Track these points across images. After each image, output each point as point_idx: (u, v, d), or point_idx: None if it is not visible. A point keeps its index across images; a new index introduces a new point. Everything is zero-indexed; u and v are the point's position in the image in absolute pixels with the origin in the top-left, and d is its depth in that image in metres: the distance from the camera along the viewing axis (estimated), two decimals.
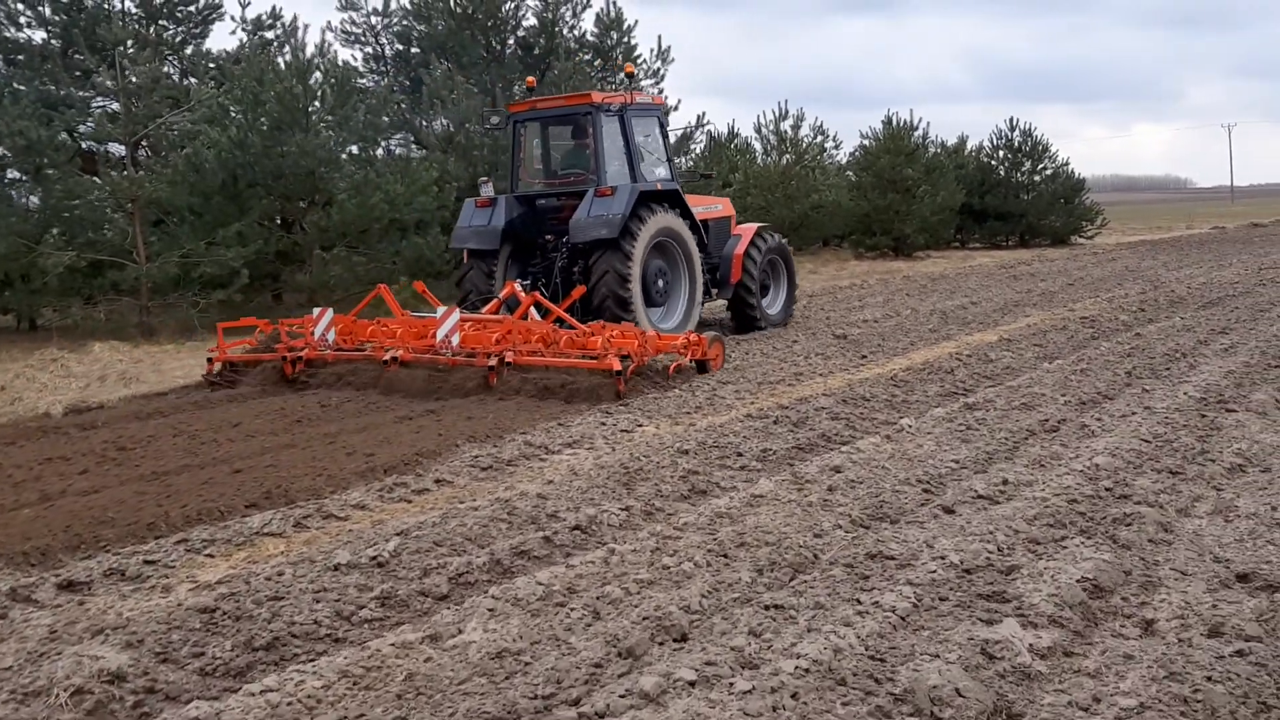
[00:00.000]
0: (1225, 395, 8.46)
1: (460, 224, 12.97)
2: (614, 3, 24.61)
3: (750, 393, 9.58)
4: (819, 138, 33.69)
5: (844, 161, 33.90)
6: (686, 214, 13.00)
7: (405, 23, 24.66)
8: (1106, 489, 5.86)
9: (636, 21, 24.65)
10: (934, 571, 4.60)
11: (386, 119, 21.63)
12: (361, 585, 4.84)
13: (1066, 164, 36.24)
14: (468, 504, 6.13)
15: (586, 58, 25.11)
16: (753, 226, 14.34)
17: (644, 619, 4.21)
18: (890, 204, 29.52)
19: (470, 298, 12.60)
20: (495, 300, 11.68)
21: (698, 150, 27.58)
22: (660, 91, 25.34)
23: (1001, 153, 36.16)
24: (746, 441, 7.45)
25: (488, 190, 13.15)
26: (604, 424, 8.27)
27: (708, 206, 14.13)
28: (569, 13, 24.90)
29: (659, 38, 27.30)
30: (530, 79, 14.87)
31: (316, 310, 11.09)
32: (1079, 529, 5.23)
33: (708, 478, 6.60)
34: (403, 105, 22.86)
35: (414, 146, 22.60)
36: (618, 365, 9.35)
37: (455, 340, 10.07)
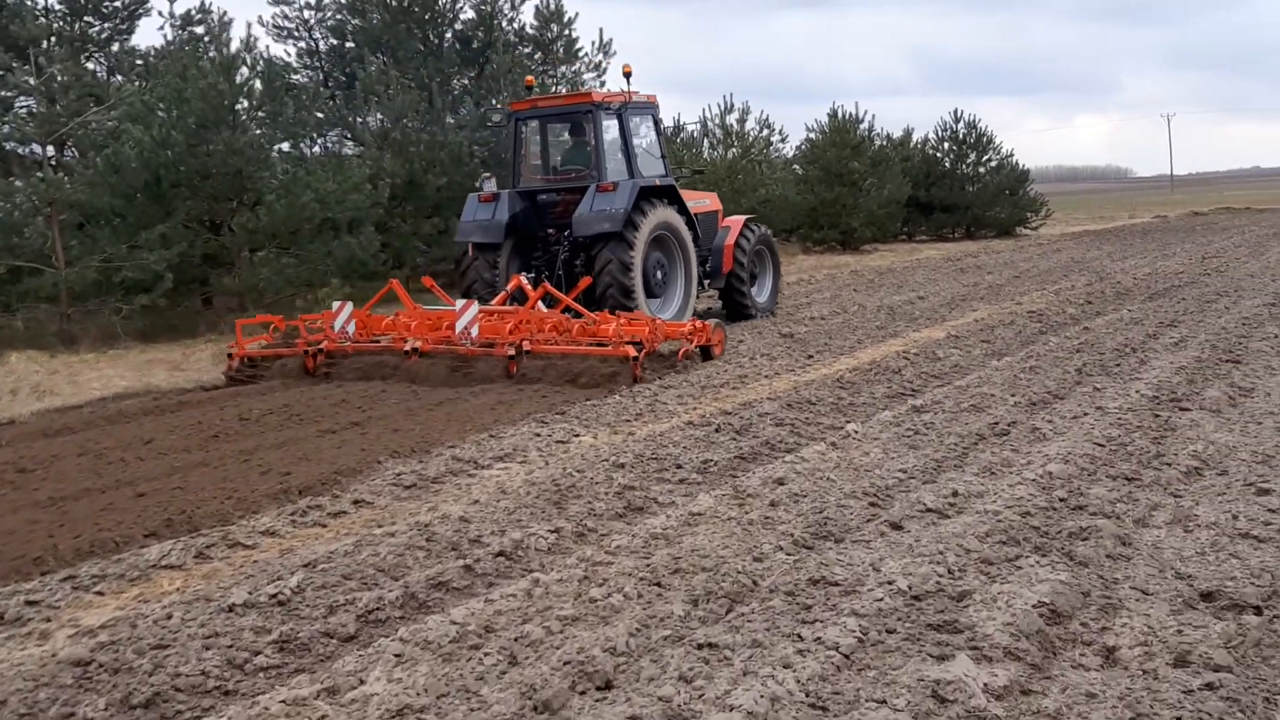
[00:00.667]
0: (1178, 393, 8.24)
1: (464, 218, 13.29)
2: None
3: (693, 397, 9.22)
4: (765, 131, 33.46)
5: (790, 155, 33.71)
6: (682, 209, 13.49)
7: (339, 17, 24.04)
8: (1060, 499, 5.57)
9: (577, 14, 24.24)
10: (880, 599, 4.26)
11: (320, 114, 21.06)
12: (259, 628, 4.40)
13: (1010, 155, 36.36)
14: (385, 529, 5.71)
15: (526, 51, 24.65)
16: (740, 219, 14.86)
17: (565, 663, 3.83)
18: (837, 197, 29.33)
19: (475, 288, 12.92)
20: (503, 293, 12.00)
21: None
22: (603, 84, 25.00)
23: (946, 145, 36.20)
24: (686, 452, 7.08)
25: (490, 186, 13.55)
26: (538, 435, 7.86)
27: (697, 201, 14.46)
28: (508, 5, 24.43)
29: (600, 30, 26.95)
30: (529, 78, 15.17)
31: (336, 304, 11.39)
32: (1033, 545, 4.92)
33: (644, 493, 6.23)
34: (337, 101, 22.28)
35: (350, 143, 22.02)
36: (633, 351, 9.94)
37: (475, 331, 10.50)
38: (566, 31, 24.65)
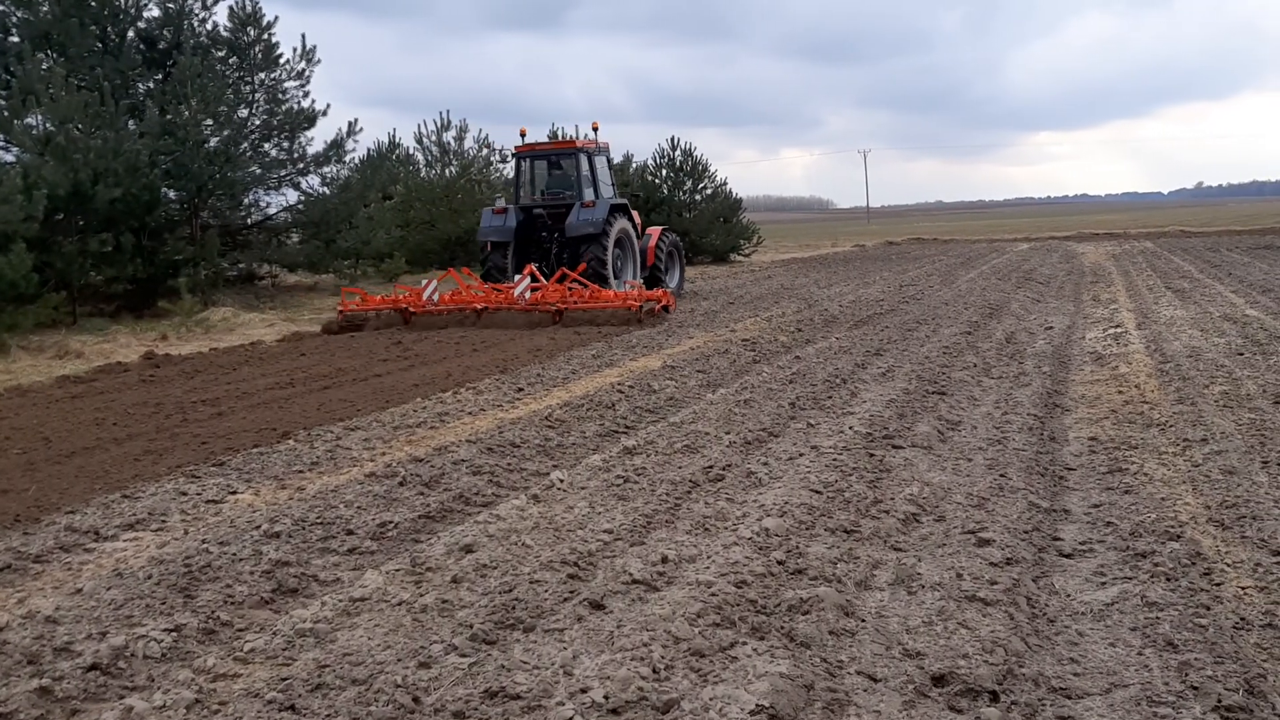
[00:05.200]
0: (890, 429, 7.98)
1: (484, 224, 19.11)
2: None
3: (383, 440, 8.18)
4: (484, 150, 32.59)
5: (512, 175, 33.01)
6: (632, 220, 19.60)
7: (2, 7, 21.18)
8: (779, 562, 4.96)
9: (276, 18, 22.42)
10: (570, 718, 3.44)
11: None
12: None
13: (724, 184, 37.26)
14: None
15: (220, 54, 22.68)
16: (657, 229, 20.80)
17: None
18: None
19: (492, 272, 18.64)
20: (522, 276, 16.90)
21: (355, 159, 25.70)
22: (307, 94, 23.49)
23: (665, 171, 36.61)
24: (361, 513, 6.05)
25: (501, 202, 19.41)
26: (185, 494, 6.58)
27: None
28: (199, 4, 22.41)
29: (303, 37, 25.13)
30: (523, 128, 20.96)
31: (424, 281, 17.42)
32: (750, 627, 4.25)
33: (302, 570, 5.16)
34: None
35: (14, 149, 19.33)
36: (636, 304, 16.06)
37: (528, 295, 16.34)
38: (266, 36, 22.91)
